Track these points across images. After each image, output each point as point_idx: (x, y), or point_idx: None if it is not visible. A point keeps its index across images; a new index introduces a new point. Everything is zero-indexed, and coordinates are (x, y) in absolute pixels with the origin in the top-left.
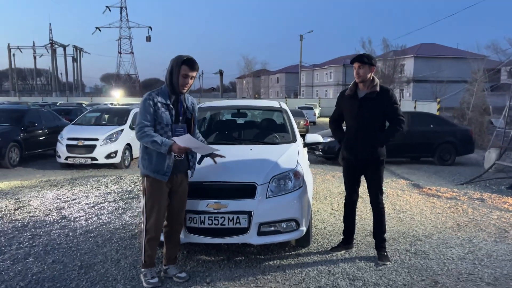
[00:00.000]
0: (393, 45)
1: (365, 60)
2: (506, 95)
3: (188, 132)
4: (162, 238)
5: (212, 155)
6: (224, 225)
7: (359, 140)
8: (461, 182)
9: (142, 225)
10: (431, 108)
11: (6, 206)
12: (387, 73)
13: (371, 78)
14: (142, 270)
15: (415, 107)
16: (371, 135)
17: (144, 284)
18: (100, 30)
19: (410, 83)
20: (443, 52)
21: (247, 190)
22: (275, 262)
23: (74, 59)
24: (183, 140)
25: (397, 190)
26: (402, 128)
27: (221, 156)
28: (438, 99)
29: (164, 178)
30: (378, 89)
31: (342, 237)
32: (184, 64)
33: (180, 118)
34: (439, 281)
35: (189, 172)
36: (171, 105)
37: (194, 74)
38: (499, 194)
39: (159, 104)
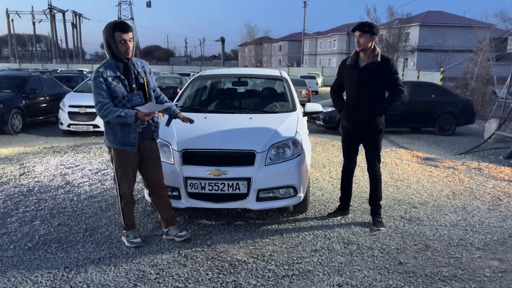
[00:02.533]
0: (399, 12)
1: (366, 29)
2: (511, 64)
3: (144, 96)
4: (150, 199)
5: (183, 118)
6: (224, 191)
7: (359, 110)
8: (459, 152)
9: (116, 191)
10: (435, 78)
11: (11, 172)
12: (391, 41)
13: (372, 47)
14: (124, 232)
15: (418, 77)
16: (371, 105)
17: (127, 244)
18: None
19: (415, 52)
20: (449, 21)
21: (246, 158)
22: (273, 226)
23: (74, 25)
24: (146, 107)
25: (396, 159)
26: (401, 98)
27: (191, 121)
28: (442, 69)
29: (133, 149)
30: (379, 59)
31: (339, 203)
32: (116, 31)
33: (134, 86)
34: (430, 245)
35: (154, 135)
36: (122, 76)
37: (130, 36)
38: (496, 164)
39: (109, 79)
